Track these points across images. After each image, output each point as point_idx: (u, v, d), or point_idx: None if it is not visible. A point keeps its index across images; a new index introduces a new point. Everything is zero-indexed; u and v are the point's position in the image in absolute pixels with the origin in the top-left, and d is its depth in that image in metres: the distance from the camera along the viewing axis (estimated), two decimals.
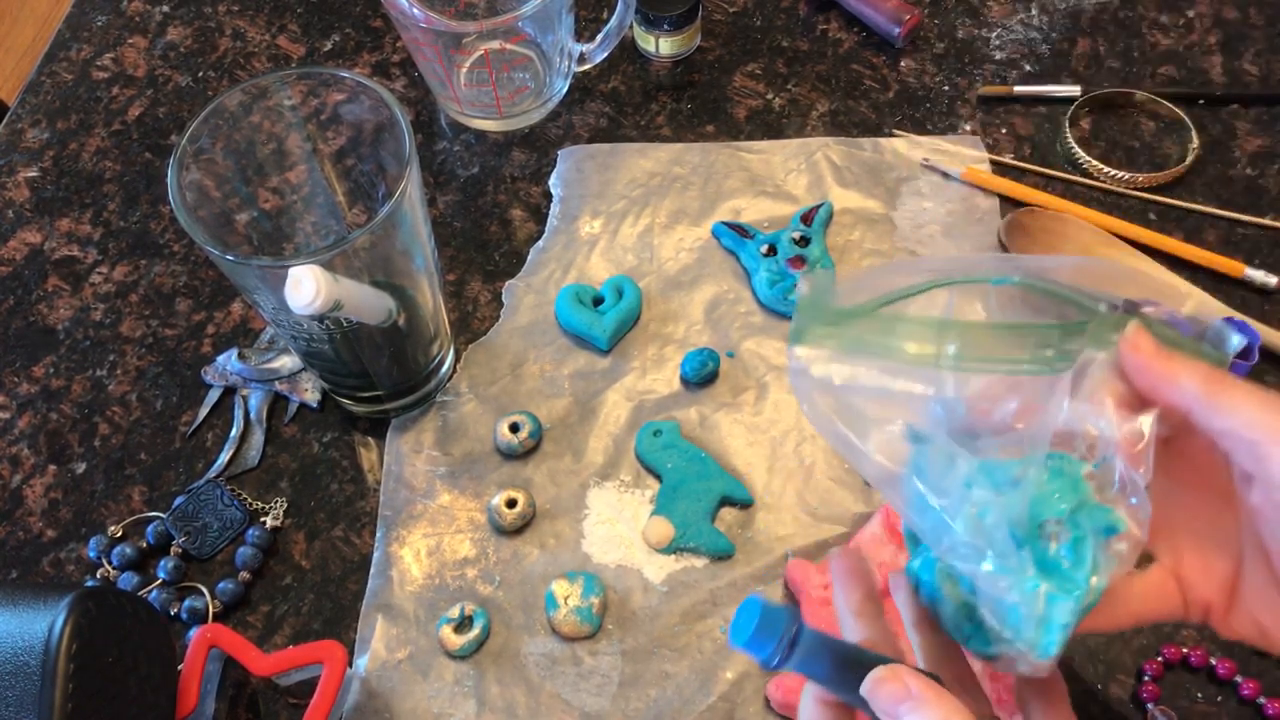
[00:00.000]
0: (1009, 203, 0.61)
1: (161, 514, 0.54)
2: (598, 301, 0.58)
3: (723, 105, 0.66)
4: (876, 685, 0.31)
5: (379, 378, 0.52)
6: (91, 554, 0.53)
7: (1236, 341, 0.33)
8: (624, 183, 0.62)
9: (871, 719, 0.31)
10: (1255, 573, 0.33)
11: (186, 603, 0.51)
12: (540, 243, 0.61)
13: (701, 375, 0.55)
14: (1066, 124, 0.63)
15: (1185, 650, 0.48)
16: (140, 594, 0.51)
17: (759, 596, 0.32)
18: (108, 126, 0.67)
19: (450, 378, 0.57)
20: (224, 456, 0.55)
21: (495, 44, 0.61)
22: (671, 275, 0.59)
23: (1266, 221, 0.59)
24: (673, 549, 0.51)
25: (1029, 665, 0.32)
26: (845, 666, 0.32)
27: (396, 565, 0.52)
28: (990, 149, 0.63)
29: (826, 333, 0.34)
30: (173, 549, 0.53)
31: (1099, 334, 0.33)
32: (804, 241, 0.58)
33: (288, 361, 0.57)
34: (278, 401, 0.57)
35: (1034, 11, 0.68)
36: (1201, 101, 0.64)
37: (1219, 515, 0.34)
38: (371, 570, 0.52)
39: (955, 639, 0.34)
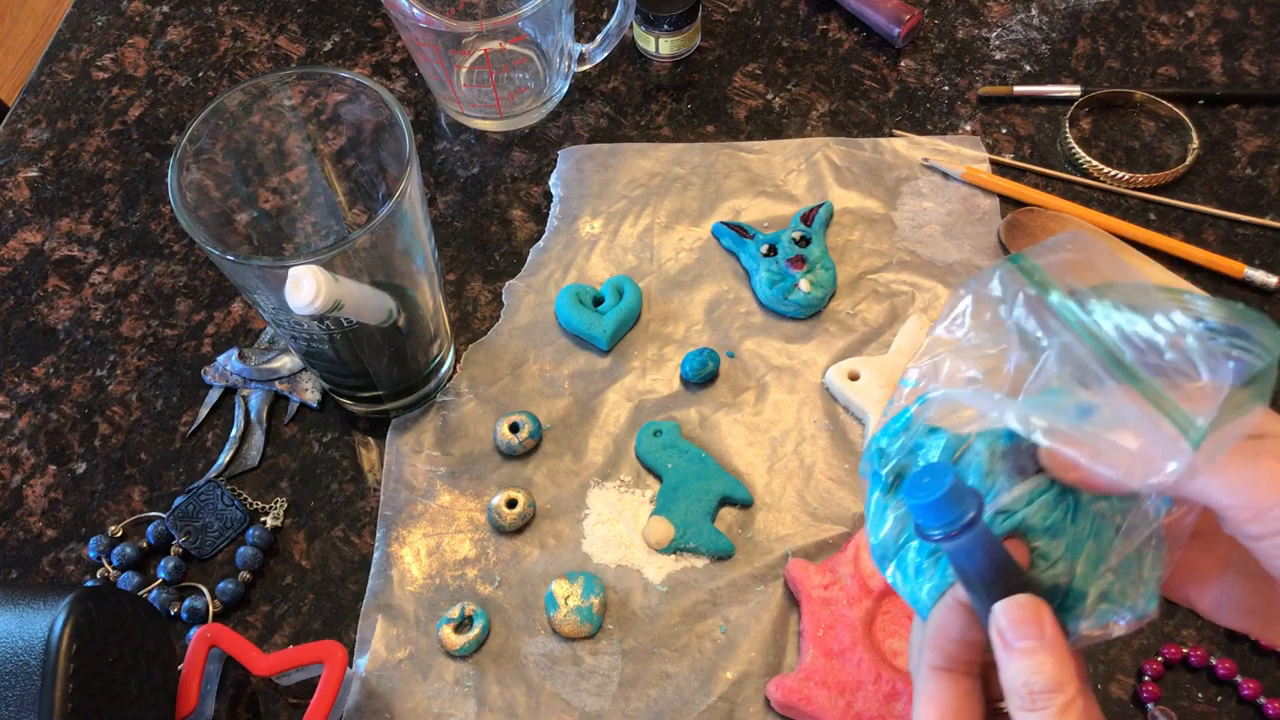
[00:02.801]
0: (1009, 203, 0.61)
1: (161, 514, 0.54)
2: (598, 301, 0.58)
3: (723, 105, 0.66)
4: (1014, 608, 0.29)
5: (379, 378, 0.52)
6: (91, 554, 0.53)
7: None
8: (624, 183, 0.63)
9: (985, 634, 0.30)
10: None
11: (186, 603, 0.51)
12: (540, 243, 0.61)
13: (701, 375, 0.55)
14: (1066, 124, 0.63)
15: (1185, 650, 0.48)
16: (140, 594, 0.51)
17: (951, 466, 0.31)
18: (108, 126, 0.67)
19: (450, 378, 0.57)
20: (224, 456, 0.55)
21: (495, 44, 0.61)
22: (671, 275, 0.59)
23: (1266, 221, 0.59)
24: (673, 549, 0.51)
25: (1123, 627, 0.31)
26: (996, 574, 0.30)
27: (396, 565, 0.52)
28: (990, 149, 0.63)
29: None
30: (173, 549, 0.53)
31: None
32: (804, 241, 0.58)
33: (288, 361, 0.57)
34: (278, 401, 0.57)
35: (1034, 11, 0.68)
36: (1201, 101, 0.64)
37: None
38: (371, 570, 0.52)
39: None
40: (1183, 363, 0.28)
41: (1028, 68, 0.66)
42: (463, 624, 0.49)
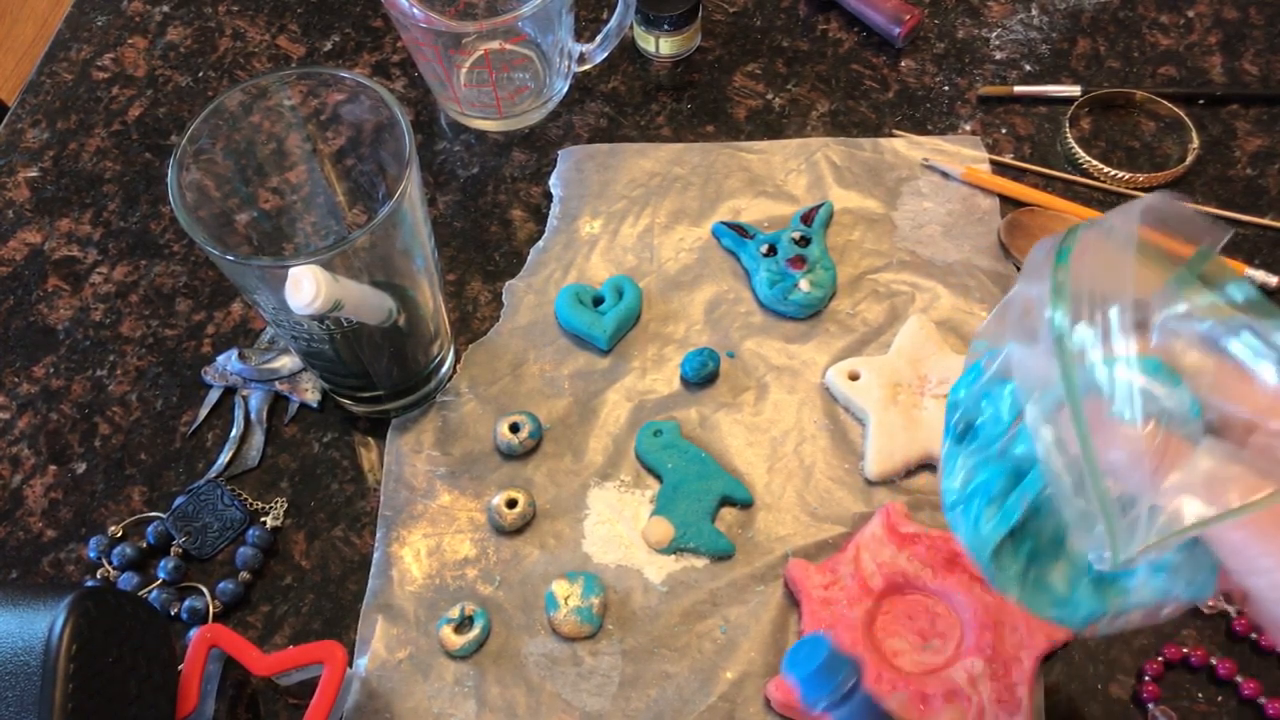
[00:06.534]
0: (1009, 202, 0.61)
1: (161, 514, 0.54)
2: (598, 301, 0.58)
3: (723, 105, 0.66)
4: None
5: (379, 378, 0.52)
6: (91, 554, 0.53)
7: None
8: (624, 183, 0.62)
9: None
10: None
11: (186, 603, 0.51)
12: (540, 243, 0.61)
13: (701, 375, 0.55)
14: (1066, 124, 0.63)
15: (1185, 650, 0.48)
16: (140, 594, 0.51)
17: (827, 638, 0.33)
18: (108, 126, 0.67)
19: (450, 378, 0.57)
20: (224, 456, 0.55)
21: (495, 44, 0.61)
22: (671, 275, 0.59)
23: (1266, 221, 0.59)
24: (673, 549, 0.51)
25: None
26: None
27: (397, 565, 0.52)
28: (990, 149, 0.63)
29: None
30: (173, 549, 0.53)
31: None
32: (804, 241, 0.58)
33: (288, 361, 0.57)
34: (278, 401, 0.57)
35: (1034, 11, 0.68)
36: (1201, 101, 0.64)
37: None
38: (371, 570, 0.52)
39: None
40: None
41: (1028, 68, 0.66)
42: (463, 624, 0.49)
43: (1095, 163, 0.61)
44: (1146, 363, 0.31)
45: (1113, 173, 0.61)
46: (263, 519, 0.53)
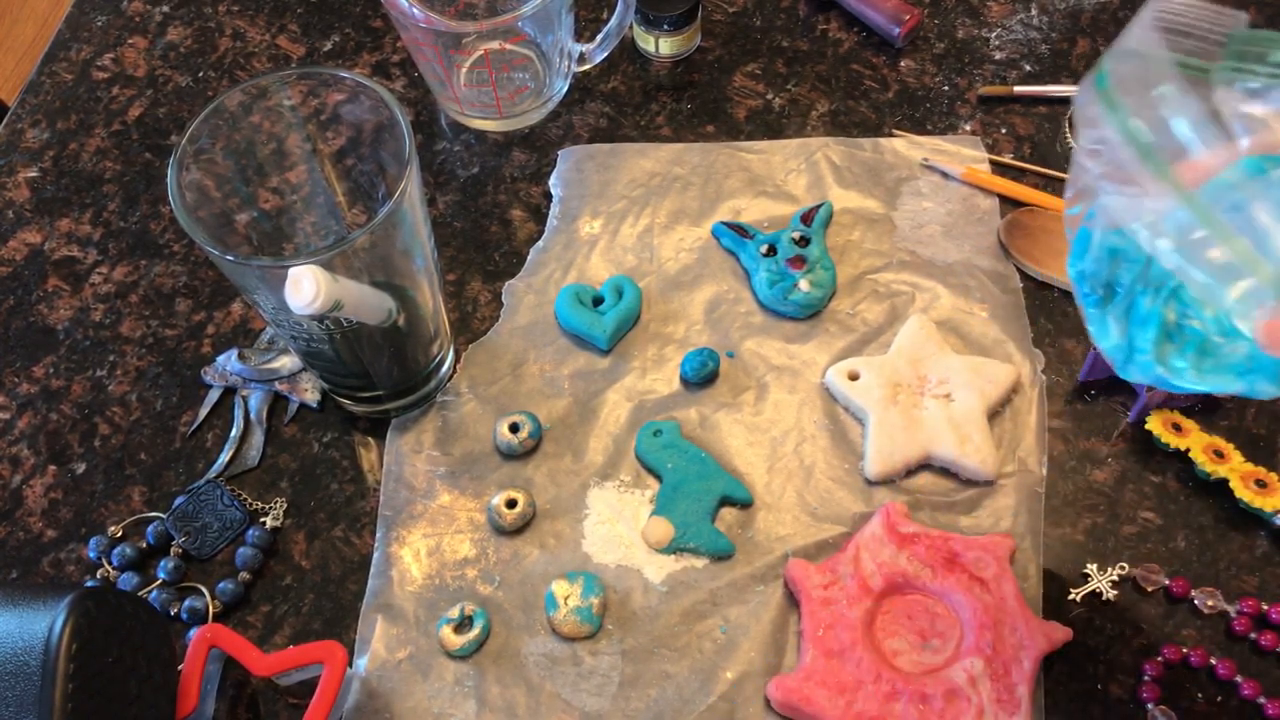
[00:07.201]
0: (1009, 202, 0.61)
1: (161, 514, 0.54)
2: (598, 301, 0.58)
3: (723, 105, 0.66)
4: None
5: (379, 378, 0.52)
6: (91, 554, 0.53)
7: None
8: (624, 183, 0.63)
9: None
10: None
11: (186, 603, 0.51)
12: (540, 243, 0.61)
13: (701, 375, 0.55)
14: (1066, 124, 0.63)
15: (1185, 650, 0.48)
16: (140, 594, 0.51)
17: None
18: (108, 126, 0.67)
19: (450, 378, 0.57)
20: (224, 456, 0.55)
21: (495, 44, 0.61)
22: (671, 275, 0.59)
23: None
24: (673, 549, 0.51)
25: None
26: None
27: (396, 565, 0.52)
28: (990, 149, 0.63)
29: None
30: (173, 549, 0.53)
31: None
32: (804, 241, 0.58)
33: (288, 361, 0.57)
34: (278, 401, 0.57)
35: (1034, 11, 0.68)
36: None
37: None
38: (371, 570, 0.52)
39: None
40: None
41: (1028, 68, 0.66)
42: (463, 624, 0.49)
43: None
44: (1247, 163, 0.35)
45: None
46: (263, 519, 0.53)
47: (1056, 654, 0.48)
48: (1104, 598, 0.49)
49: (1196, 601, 0.49)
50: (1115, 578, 0.49)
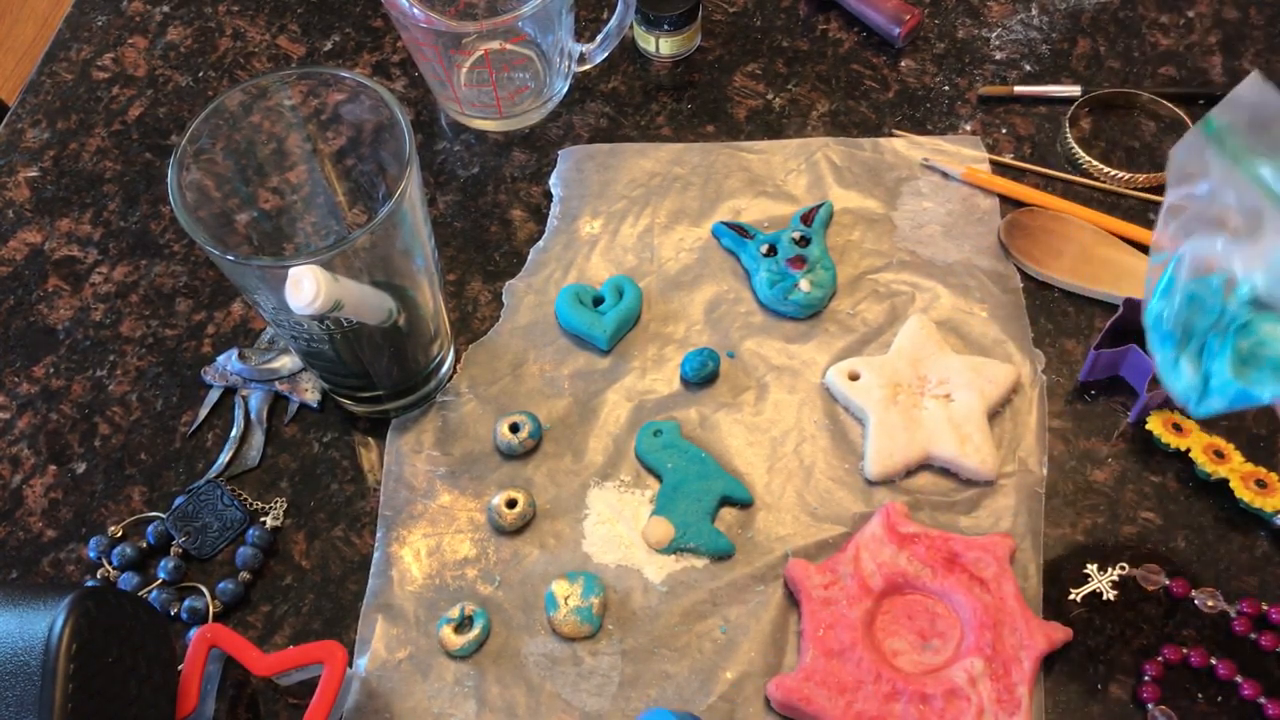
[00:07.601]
0: (1009, 203, 0.61)
1: (161, 514, 0.54)
2: (598, 301, 0.58)
3: (723, 105, 0.66)
4: None
5: (379, 378, 0.52)
6: (91, 554, 0.53)
7: None
8: (624, 183, 0.63)
9: None
10: None
11: (186, 603, 0.51)
12: (540, 243, 0.61)
13: (701, 375, 0.55)
14: (1066, 124, 0.63)
15: (1185, 650, 0.48)
16: (140, 594, 0.51)
17: (672, 713, 0.38)
18: (108, 126, 0.67)
19: (450, 378, 0.57)
20: (224, 456, 0.55)
21: (495, 44, 0.61)
22: (671, 275, 0.59)
23: None
24: (673, 549, 0.51)
25: None
26: None
27: (396, 565, 0.52)
28: (990, 149, 0.63)
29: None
30: (173, 549, 0.53)
31: None
32: (804, 241, 0.58)
33: (288, 361, 0.57)
34: (278, 401, 0.57)
35: (1034, 11, 0.68)
36: (1201, 101, 0.64)
37: None
38: (371, 570, 0.52)
39: None
40: None
41: (1028, 68, 0.66)
42: (463, 624, 0.49)
43: (1095, 163, 0.61)
44: None
45: (1113, 173, 0.61)
46: (263, 519, 0.53)
47: (1056, 654, 0.48)
48: (1104, 598, 0.49)
49: (1196, 602, 0.49)
50: (1115, 578, 0.49)
